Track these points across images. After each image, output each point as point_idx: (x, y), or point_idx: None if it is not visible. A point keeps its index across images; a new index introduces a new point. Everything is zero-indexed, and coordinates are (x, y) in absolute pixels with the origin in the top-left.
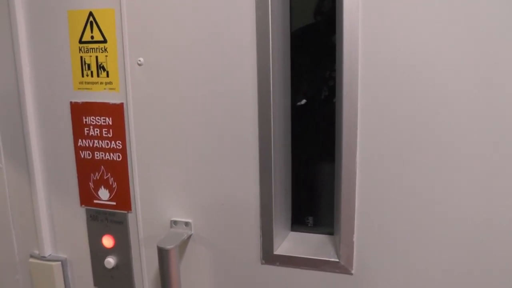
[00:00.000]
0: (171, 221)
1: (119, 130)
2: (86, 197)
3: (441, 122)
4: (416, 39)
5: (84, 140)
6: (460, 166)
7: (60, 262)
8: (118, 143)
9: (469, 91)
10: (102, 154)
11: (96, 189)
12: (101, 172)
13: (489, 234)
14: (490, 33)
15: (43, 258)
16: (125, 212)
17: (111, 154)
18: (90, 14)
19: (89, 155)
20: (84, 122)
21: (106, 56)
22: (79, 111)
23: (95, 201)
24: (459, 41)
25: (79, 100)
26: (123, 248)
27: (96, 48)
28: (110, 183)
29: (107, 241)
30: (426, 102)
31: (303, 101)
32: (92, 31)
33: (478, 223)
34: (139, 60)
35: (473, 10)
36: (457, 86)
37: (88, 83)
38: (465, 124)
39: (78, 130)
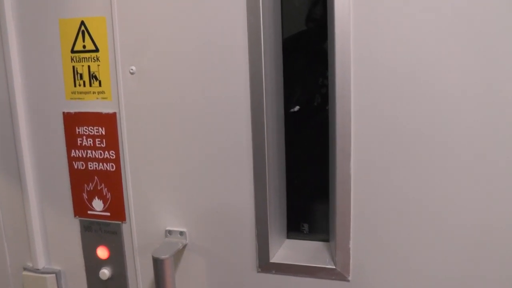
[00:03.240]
0: (166, 230)
1: (112, 139)
2: (80, 208)
3: (435, 126)
4: (408, 44)
5: (77, 151)
6: (455, 169)
7: (54, 275)
8: (112, 153)
9: (463, 94)
10: (95, 164)
11: (90, 199)
12: (95, 183)
13: (487, 238)
14: (483, 38)
15: (36, 270)
16: (120, 222)
17: (105, 164)
18: (82, 23)
19: (82, 166)
20: (77, 132)
21: (98, 65)
22: (71, 121)
23: (89, 212)
24: (451, 46)
25: (72, 110)
26: (117, 259)
27: (88, 58)
28: (104, 193)
29: (102, 252)
30: (419, 106)
31: (297, 108)
32: (84, 40)
33: (475, 226)
34: (131, 69)
35: (464, 15)
36: (450, 90)
37: (81, 92)
38: (459, 127)
39: (71, 140)
